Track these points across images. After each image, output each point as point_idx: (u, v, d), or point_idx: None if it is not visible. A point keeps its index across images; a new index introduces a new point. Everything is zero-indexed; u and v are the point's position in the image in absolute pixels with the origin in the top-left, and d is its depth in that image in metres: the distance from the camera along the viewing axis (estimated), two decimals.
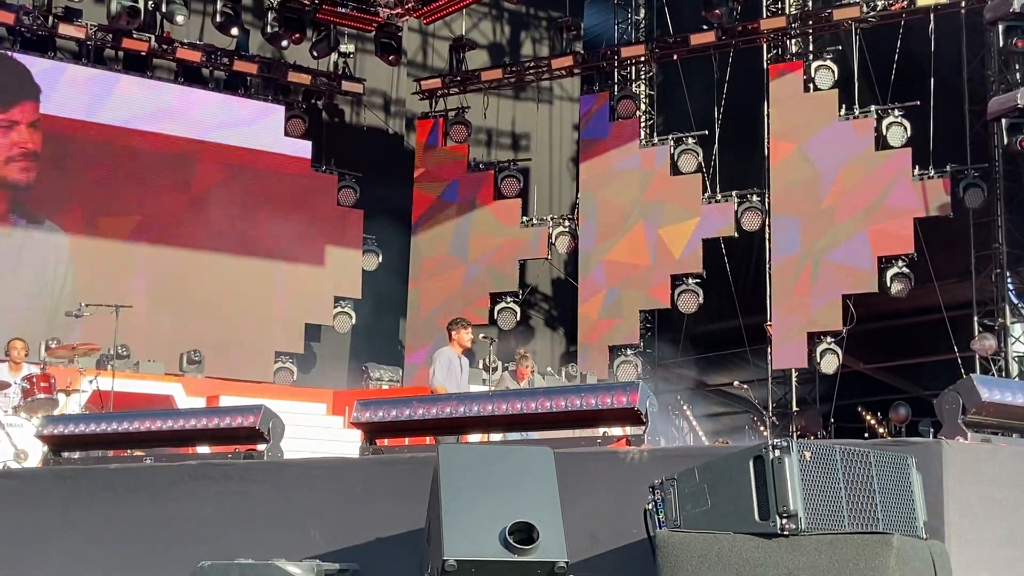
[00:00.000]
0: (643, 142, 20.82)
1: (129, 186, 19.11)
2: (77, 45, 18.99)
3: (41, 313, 17.74)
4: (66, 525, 7.35)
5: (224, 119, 20.07)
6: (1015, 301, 18.52)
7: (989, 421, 5.73)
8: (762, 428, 19.45)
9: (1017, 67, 17.82)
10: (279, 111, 20.57)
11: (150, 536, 7.03)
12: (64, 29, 18.50)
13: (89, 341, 14.13)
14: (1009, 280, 18.42)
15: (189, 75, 19.96)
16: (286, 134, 20.52)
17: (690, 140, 20.03)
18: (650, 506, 5.00)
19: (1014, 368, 17.91)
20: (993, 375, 17.20)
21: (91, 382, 12.90)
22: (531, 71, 21.93)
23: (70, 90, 18.77)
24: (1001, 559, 5.40)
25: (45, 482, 7.77)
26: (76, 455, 7.94)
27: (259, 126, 20.36)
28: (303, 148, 20.68)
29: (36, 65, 18.55)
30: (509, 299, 20.71)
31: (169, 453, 7.64)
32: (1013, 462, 5.62)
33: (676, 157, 20.10)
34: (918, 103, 18.33)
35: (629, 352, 20.20)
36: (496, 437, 8.11)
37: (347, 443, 13.12)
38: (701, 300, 19.55)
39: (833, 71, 19.22)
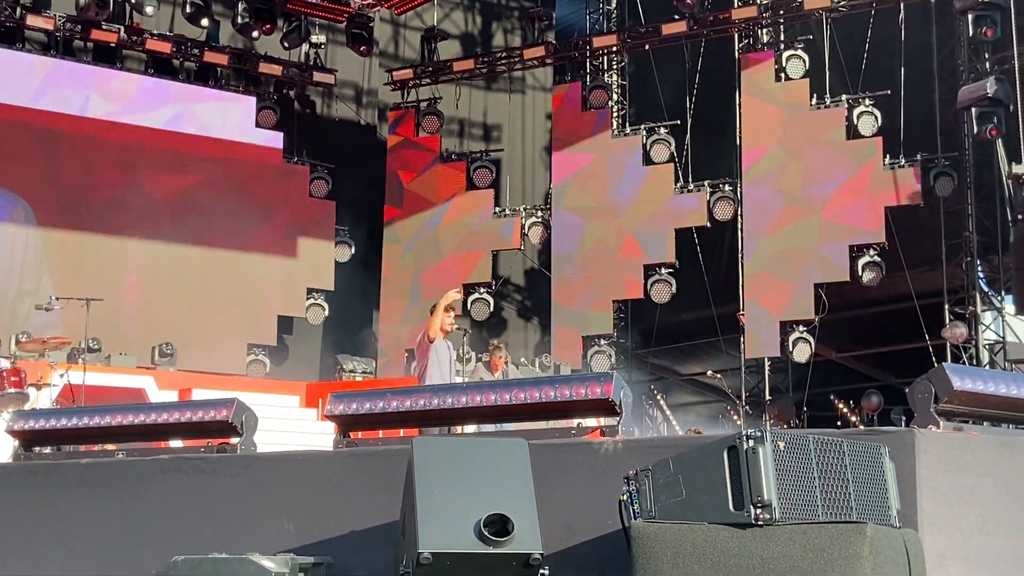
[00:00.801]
0: (615, 132, 20.84)
1: (99, 178, 18.95)
2: (46, 36, 18.83)
3: (10, 307, 17.57)
4: (37, 521, 7.29)
5: (195, 110, 19.94)
6: (985, 289, 18.64)
7: (961, 409, 5.74)
8: (735, 417, 19.51)
9: (987, 56, 17.91)
10: (250, 102, 20.45)
11: (122, 531, 6.98)
12: (32, 20, 18.32)
13: (59, 334, 14.03)
14: (979, 268, 18.54)
15: (159, 66, 19.81)
16: (257, 125, 20.42)
17: (662, 130, 20.06)
18: (625, 497, 4.99)
19: (985, 356, 18.02)
20: (964, 363, 17.31)
21: (62, 376, 12.82)
22: (503, 61, 21.88)
23: (37, 82, 18.58)
24: (974, 547, 5.43)
25: (16, 478, 7.70)
26: (47, 450, 7.87)
27: (230, 117, 20.24)
28: (275, 139, 20.57)
29: None
30: (482, 290, 20.68)
31: (141, 448, 7.59)
32: (985, 450, 5.65)
33: (648, 147, 20.11)
34: (888, 92, 18.42)
35: (603, 342, 20.22)
36: (470, 429, 8.09)
37: (321, 435, 13.04)
38: (674, 290, 19.57)
39: (804, 60, 19.29)
